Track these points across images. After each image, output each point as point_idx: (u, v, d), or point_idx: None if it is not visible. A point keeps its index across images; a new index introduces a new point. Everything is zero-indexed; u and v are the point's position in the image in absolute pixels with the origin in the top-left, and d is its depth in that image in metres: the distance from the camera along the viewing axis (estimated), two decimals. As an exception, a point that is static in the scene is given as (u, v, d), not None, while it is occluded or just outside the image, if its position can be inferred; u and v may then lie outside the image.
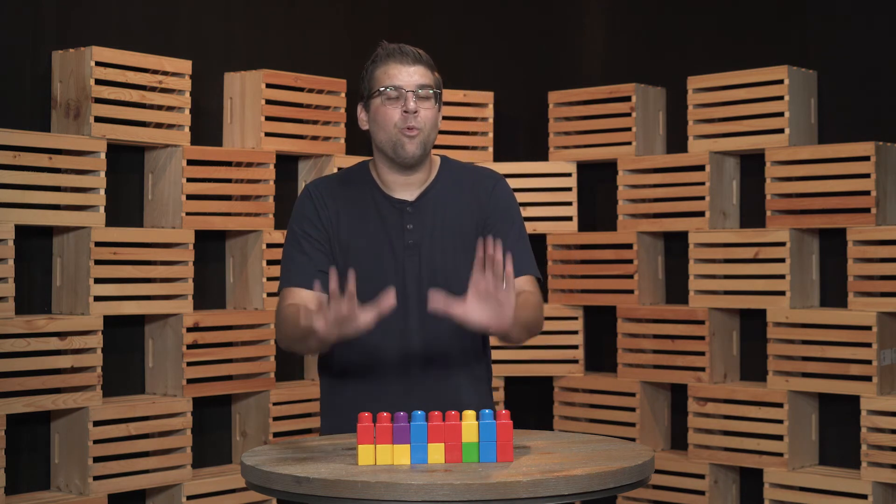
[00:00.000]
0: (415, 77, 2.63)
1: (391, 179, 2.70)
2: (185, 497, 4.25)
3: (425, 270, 2.65)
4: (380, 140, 2.66)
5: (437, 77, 2.69)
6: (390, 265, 2.65)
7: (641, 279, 4.99)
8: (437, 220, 2.68)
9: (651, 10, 5.28)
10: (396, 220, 2.68)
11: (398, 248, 2.66)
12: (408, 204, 2.69)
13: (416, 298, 2.64)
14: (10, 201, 3.86)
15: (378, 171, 2.72)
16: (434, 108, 2.65)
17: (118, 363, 4.32)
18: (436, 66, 2.70)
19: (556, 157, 5.21)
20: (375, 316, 2.36)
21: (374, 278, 2.63)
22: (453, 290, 2.61)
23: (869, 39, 4.65)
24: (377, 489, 2.04)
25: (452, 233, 2.69)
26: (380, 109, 2.65)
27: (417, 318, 2.65)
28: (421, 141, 2.63)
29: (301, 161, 4.85)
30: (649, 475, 2.29)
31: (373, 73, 2.69)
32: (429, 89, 2.64)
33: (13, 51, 4.10)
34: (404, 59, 2.65)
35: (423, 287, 2.63)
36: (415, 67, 2.64)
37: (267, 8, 4.85)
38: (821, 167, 4.47)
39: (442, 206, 2.70)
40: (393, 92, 2.63)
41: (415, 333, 2.66)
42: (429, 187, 2.71)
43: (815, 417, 4.64)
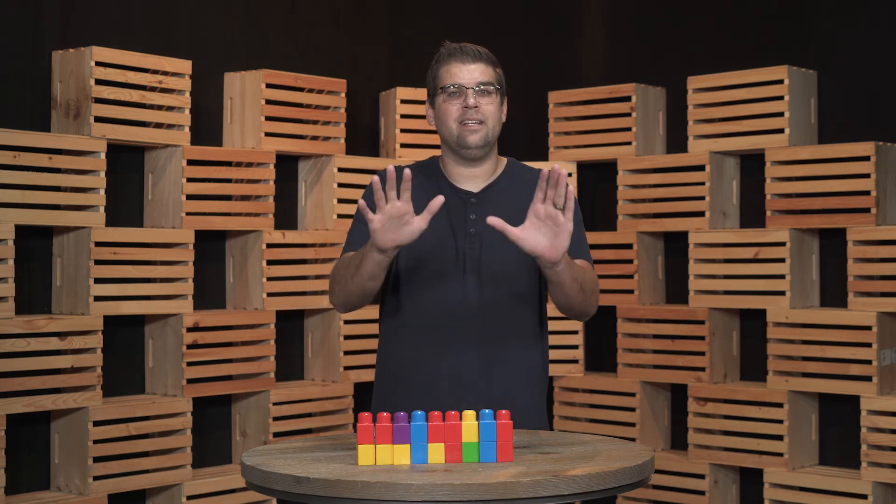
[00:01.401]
0: (475, 74, 2.72)
1: (456, 171, 2.78)
2: (185, 497, 4.25)
3: (485, 260, 2.71)
4: (444, 134, 2.76)
5: (499, 73, 2.77)
6: (451, 252, 2.72)
7: (641, 279, 4.99)
8: (500, 212, 2.71)
9: (651, 10, 5.28)
10: (460, 210, 2.75)
11: (460, 237, 2.73)
12: (472, 195, 2.77)
13: (475, 287, 2.70)
14: (10, 201, 3.86)
15: (445, 164, 2.81)
16: (496, 102, 2.75)
17: (118, 363, 4.32)
18: (498, 63, 2.77)
19: (556, 157, 5.21)
20: (428, 219, 2.47)
21: (435, 264, 2.71)
22: (511, 281, 2.72)
23: (869, 39, 4.65)
24: (377, 489, 2.04)
25: (514, 225, 2.70)
26: (442, 106, 2.74)
27: (477, 305, 2.70)
28: (483, 133, 2.72)
29: (301, 161, 4.85)
30: (649, 475, 2.29)
31: (436, 72, 2.77)
32: (489, 86, 2.73)
33: (13, 51, 4.10)
34: (464, 57, 2.73)
35: (482, 276, 2.70)
36: (475, 65, 2.73)
37: (267, 8, 4.85)
38: (821, 167, 4.47)
39: (506, 200, 2.76)
40: (454, 89, 2.71)
41: (470, 319, 2.70)
42: (494, 182, 2.80)
43: (815, 417, 4.64)
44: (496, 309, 2.72)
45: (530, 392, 2.77)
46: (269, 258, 4.54)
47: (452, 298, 2.71)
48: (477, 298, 2.71)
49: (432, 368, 2.72)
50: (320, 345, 4.80)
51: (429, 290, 2.72)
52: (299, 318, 4.85)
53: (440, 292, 2.71)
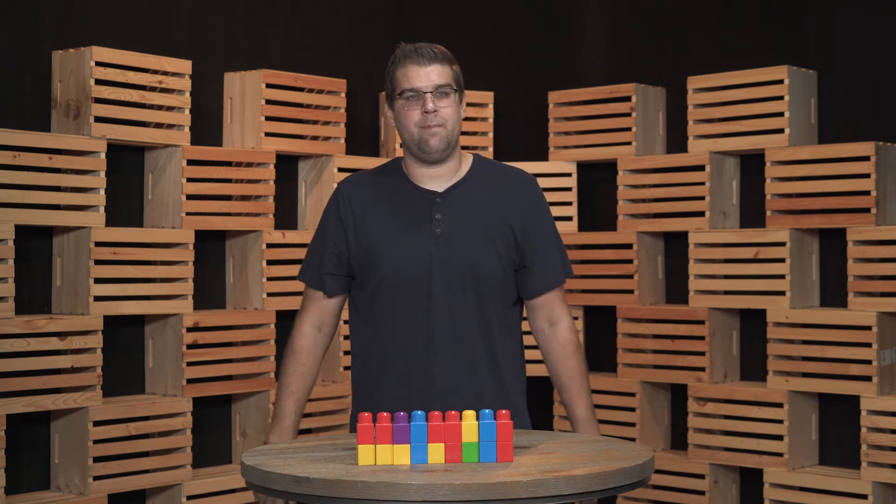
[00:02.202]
0: (432, 77, 2.71)
1: (419, 172, 2.78)
2: (185, 497, 4.25)
3: (453, 260, 2.72)
4: (405, 138, 2.75)
5: (456, 71, 2.76)
6: (417, 253, 2.72)
7: (641, 279, 4.99)
8: (466, 211, 2.75)
9: (651, 10, 5.28)
10: (425, 210, 2.75)
11: (426, 237, 2.72)
12: (437, 195, 2.77)
13: (443, 287, 2.71)
14: (10, 201, 3.86)
15: (407, 165, 2.81)
16: (454, 103, 2.73)
17: (118, 363, 4.32)
18: (454, 59, 2.76)
19: (556, 157, 5.21)
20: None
21: (402, 266, 2.72)
22: (479, 279, 2.73)
23: (869, 39, 4.65)
24: (377, 489, 2.04)
25: (481, 224, 2.75)
26: (401, 111, 2.73)
27: (444, 305, 2.71)
28: (443, 136, 2.72)
29: (301, 161, 4.85)
30: (649, 475, 2.29)
31: (393, 75, 2.76)
32: (447, 87, 2.71)
33: (13, 51, 4.10)
34: (420, 59, 2.72)
35: (450, 276, 2.71)
36: (431, 67, 2.72)
37: (267, 8, 4.85)
38: (821, 167, 4.47)
39: (472, 198, 2.77)
40: (411, 94, 2.70)
41: (440, 318, 2.71)
42: (460, 181, 2.79)
43: (815, 417, 4.64)
44: (465, 309, 2.72)
45: (504, 392, 2.78)
46: (269, 258, 4.54)
47: (420, 300, 2.71)
48: (446, 299, 2.71)
49: (403, 369, 2.73)
50: (320, 345, 4.79)
51: (397, 292, 2.73)
52: (299, 318, 4.84)
53: (408, 294, 2.72)
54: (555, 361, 2.85)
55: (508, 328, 2.80)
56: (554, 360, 2.85)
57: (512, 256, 2.78)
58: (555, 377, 2.86)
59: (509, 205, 2.79)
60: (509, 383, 2.79)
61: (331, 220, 2.82)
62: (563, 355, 2.84)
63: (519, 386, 2.84)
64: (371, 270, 2.75)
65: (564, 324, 2.85)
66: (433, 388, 2.70)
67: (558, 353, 2.84)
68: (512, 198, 2.81)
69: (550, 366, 2.87)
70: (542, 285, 2.81)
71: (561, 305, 2.85)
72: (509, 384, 2.79)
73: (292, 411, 2.80)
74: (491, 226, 2.75)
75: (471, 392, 2.72)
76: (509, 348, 2.80)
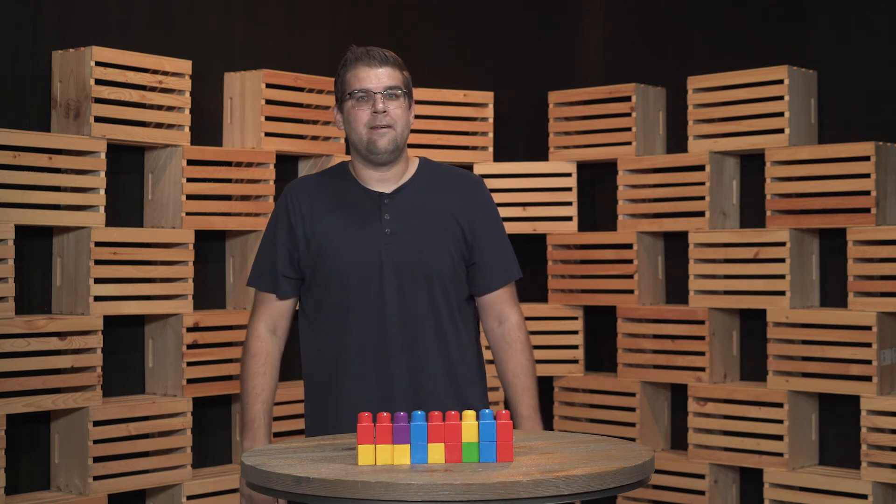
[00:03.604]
0: (382, 79, 2.74)
1: (367, 175, 2.79)
2: (185, 497, 4.25)
3: (403, 258, 2.73)
4: (353, 140, 2.77)
5: (406, 76, 2.79)
6: (367, 254, 2.73)
7: (641, 279, 4.99)
8: (415, 211, 2.77)
9: (651, 10, 5.28)
10: (374, 211, 2.76)
11: (375, 237, 2.74)
12: (385, 196, 2.78)
13: (394, 286, 2.72)
14: (10, 201, 3.86)
15: (355, 168, 2.82)
16: (404, 106, 2.76)
17: (118, 363, 4.32)
18: (405, 66, 2.80)
19: (556, 157, 5.21)
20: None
21: (353, 267, 2.73)
22: (430, 277, 2.75)
23: (869, 39, 4.65)
24: (377, 489, 2.04)
25: (430, 223, 2.77)
26: (351, 111, 2.75)
27: (396, 305, 2.72)
28: (392, 138, 2.73)
29: (301, 161, 4.85)
30: (649, 475, 2.29)
31: (343, 76, 2.79)
32: (397, 89, 2.74)
33: (13, 51, 4.10)
34: (371, 61, 2.75)
35: (401, 276, 2.73)
36: (382, 69, 2.75)
37: (267, 8, 4.85)
38: (821, 167, 4.47)
39: (421, 198, 2.79)
40: (361, 94, 2.73)
41: (392, 317, 2.73)
42: (407, 182, 2.81)
43: (815, 417, 4.64)
44: (417, 307, 2.74)
45: (458, 390, 2.78)
46: (269, 258, 4.53)
47: (372, 299, 2.72)
48: (398, 298, 2.72)
49: (359, 370, 2.73)
50: (320, 345, 4.80)
51: (348, 293, 2.74)
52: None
53: (360, 294, 2.73)
54: (500, 359, 2.87)
55: (462, 325, 2.82)
56: (499, 358, 2.87)
57: (462, 253, 2.80)
58: (500, 374, 2.88)
59: (457, 204, 2.81)
60: (463, 381, 2.80)
61: (280, 224, 2.82)
62: (509, 352, 2.86)
63: (476, 383, 2.85)
64: (321, 272, 2.76)
65: (512, 321, 2.86)
66: (391, 387, 2.72)
67: (503, 349, 2.86)
68: (460, 197, 2.82)
69: (496, 363, 2.89)
70: (491, 283, 2.84)
71: (510, 303, 2.87)
72: (463, 382, 2.80)
73: (261, 413, 2.81)
74: (440, 224, 2.77)
75: (425, 390, 2.73)
76: (463, 345, 2.81)
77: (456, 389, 2.78)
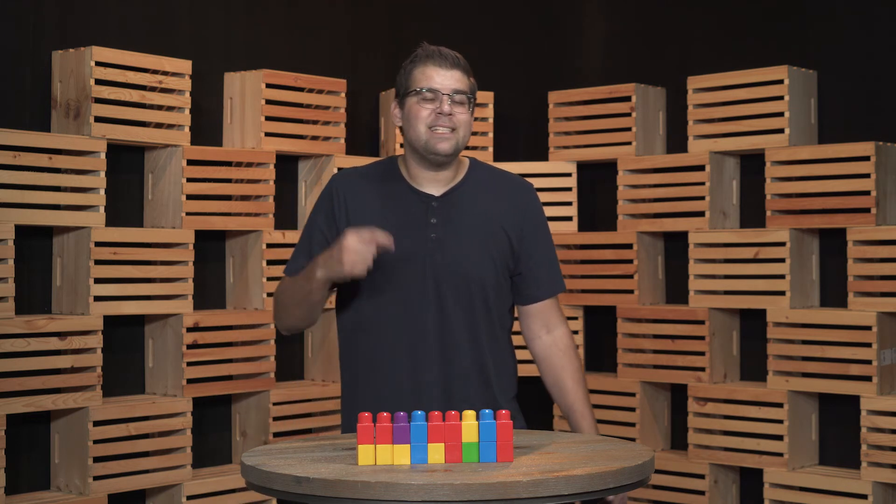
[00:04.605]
0: (451, 81, 2.67)
1: (419, 174, 2.73)
2: (185, 497, 4.25)
3: (447, 265, 2.68)
4: (412, 137, 2.69)
5: (473, 82, 2.73)
6: (411, 258, 2.67)
7: (641, 279, 4.99)
8: (462, 217, 2.71)
9: (651, 10, 5.28)
10: (421, 214, 2.71)
11: (420, 241, 2.69)
12: (433, 198, 2.72)
13: (435, 292, 2.67)
14: (10, 201, 3.86)
15: (407, 165, 2.75)
16: (468, 112, 2.69)
17: (118, 363, 4.32)
18: (472, 72, 2.73)
19: (556, 157, 5.22)
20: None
21: (394, 270, 2.67)
22: (472, 286, 2.69)
23: (869, 39, 4.65)
24: (377, 489, 2.04)
25: (476, 230, 2.71)
26: (413, 108, 2.68)
27: (437, 312, 2.67)
28: (454, 143, 2.67)
29: (301, 161, 4.85)
30: (649, 475, 2.29)
31: (410, 72, 2.71)
32: (464, 94, 2.68)
33: (13, 51, 4.10)
34: (443, 62, 2.68)
35: (444, 282, 2.67)
36: (452, 72, 2.68)
37: (267, 8, 4.85)
38: (821, 167, 4.47)
39: (469, 204, 2.73)
40: (429, 94, 2.66)
41: (431, 324, 2.67)
42: (457, 185, 2.75)
43: (815, 417, 4.64)
44: (457, 315, 2.68)
45: (492, 398, 2.73)
46: (269, 258, 4.54)
47: (412, 304, 2.67)
48: (437, 304, 2.67)
49: (393, 373, 2.69)
50: (320, 345, 4.80)
51: (388, 296, 2.69)
52: (299, 318, 4.84)
53: (400, 298, 2.68)
54: (553, 364, 2.80)
55: (501, 335, 2.77)
56: (552, 364, 2.80)
57: (507, 262, 2.74)
58: (554, 379, 2.80)
59: (506, 210, 2.75)
60: (498, 389, 2.75)
61: (321, 214, 2.77)
62: (564, 358, 2.79)
63: (510, 391, 2.80)
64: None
65: (562, 330, 2.82)
66: (425, 393, 2.67)
67: (556, 356, 2.79)
68: (509, 204, 2.77)
69: (547, 369, 2.80)
70: (537, 293, 2.79)
71: (557, 313, 2.82)
72: (498, 390, 2.75)
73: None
74: (486, 231, 2.72)
75: (458, 398, 2.68)
76: (500, 354, 2.76)
77: (490, 399, 2.73)
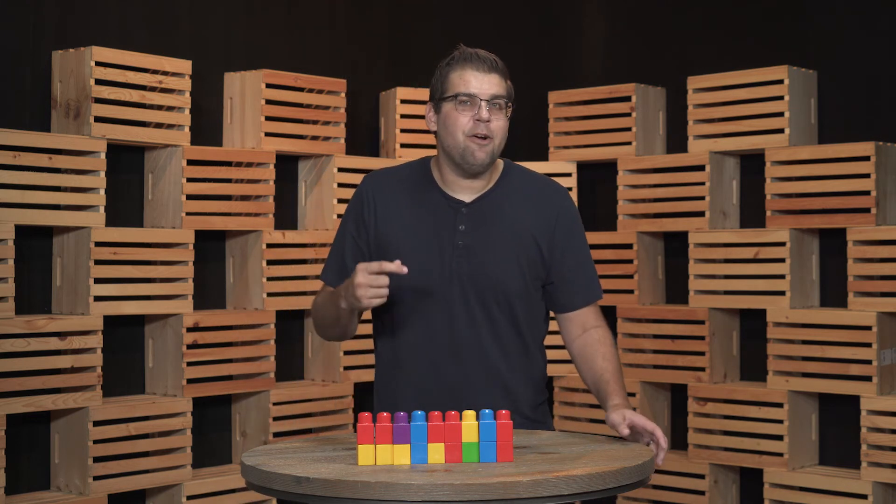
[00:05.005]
0: (490, 86, 2.60)
1: (453, 181, 2.68)
2: (185, 497, 4.25)
3: (474, 273, 2.63)
4: (448, 144, 2.64)
5: (510, 86, 2.66)
6: (438, 265, 2.64)
7: (641, 279, 4.99)
8: (491, 224, 2.66)
9: (651, 10, 5.28)
10: (450, 221, 2.66)
11: (448, 249, 2.64)
12: (464, 205, 2.67)
13: (461, 300, 2.63)
14: (10, 201, 3.86)
15: (440, 170, 2.70)
16: (505, 118, 2.63)
17: (118, 363, 4.32)
18: (509, 75, 2.67)
19: (556, 157, 5.22)
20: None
21: (420, 277, 2.62)
22: (499, 295, 2.64)
23: (869, 39, 4.65)
24: (377, 489, 2.04)
25: (506, 238, 2.66)
26: (451, 114, 2.62)
27: (464, 319, 2.63)
28: (490, 150, 2.62)
29: (301, 161, 4.85)
30: (649, 475, 2.30)
31: (447, 75, 2.64)
32: (502, 100, 2.62)
33: (13, 51, 4.10)
34: (481, 65, 2.61)
35: (470, 290, 2.63)
36: (491, 76, 2.61)
37: (267, 8, 4.85)
38: (821, 167, 4.47)
39: (499, 211, 2.67)
40: (467, 98, 2.60)
41: (457, 333, 2.64)
42: (489, 191, 2.70)
43: (815, 417, 4.64)
44: (484, 323, 2.64)
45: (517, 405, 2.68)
46: (269, 258, 4.54)
47: (438, 313, 2.63)
48: (464, 312, 2.63)
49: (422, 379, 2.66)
50: (320, 345, 4.80)
51: (414, 303, 2.65)
52: (299, 318, 4.85)
53: (426, 306, 2.64)
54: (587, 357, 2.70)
55: (529, 343, 2.71)
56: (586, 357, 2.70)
57: (537, 272, 2.68)
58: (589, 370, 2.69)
59: (537, 219, 2.69)
60: (521, 396, 2.69)
61: (352, 217, 2.73)
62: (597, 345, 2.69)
63: (536, 398, 2.73)
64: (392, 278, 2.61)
65: (600, 331, 2.73)
66: (450, 400, 2.62)
67: (591, 347, 2.70)
68: (540, 210, 2.70)
69: (582, 364, 2.71)
70: (571, 301, 2.72)
71: (594, 318, 2.75)
72: (521, 397, 2.69)
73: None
74: (516, 241, 2.66)
75: (481, 402, 2.62)
76: (524, 362, 2.70)
77: (511, 405, 2.66)
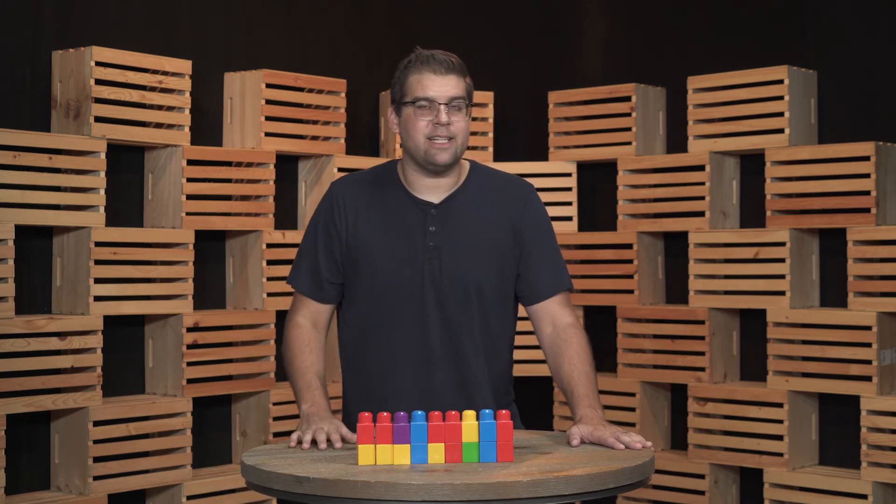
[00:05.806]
0: (447, 88, 2.61)
1: (419, 182, 2.69)
2: (185, 497, 4.25)
3: (445, 273, 2.65)
4: (409, 147, 2.65)
5: (469, 83, 2.67)
6: (409, 266, 2.65)
7: (641, 279, 4.99)
8: (461, 224, 2.68)
9: (651, 10, 5.28)
10: (419, 222, 2.67)
11: (418, 250, 2.65)
12: (432, 206, 2.68)
13: (435, 301, 2.64)
14: (10, 201, 3.86)
15: (405, 172, 2.71)
16: (465, 118, 2.64)
17: (118, 363, 4.32)
18: (467, 71, 2.68)
19: (556, 157, 5.22)
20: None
21: (393, 279, 2.64)
22: (471, 294, 2.66)
23: (869, 39, 4.65)
24: (377, 489, 2.04)
25: (476, 237, 2.68)
26: (411, 118, 2.63)
27: (437, 321, 2.65)
28: (452, 151, 2.63)
29: (301, 161, 4.85)
30: (649, 475, 2.30)
31: (406, 79, 2.65)
32: (461, 101, 2.62)
33: (13, 51, 4.10)
34: (437, 67, 2.62)
35: (442, 290, 2.64)
36: (448, 77, 2.62)
37: (267, 8, 4.85)
38: (821, 167, 4.47)
39: (467, 211, 2.69)
40: (425, 103, 2.61)
41: (433, 333, 2.65)
42: (456, 191, 2.71)
43: (815, 417, 4.64)
44: (457, 323, 2.65)
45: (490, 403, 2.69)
46: (269, 258, 4.54)
47: (412, 313, 2.64)
48: (437, 313, 2.64)
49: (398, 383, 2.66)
50: (320, 345, 4.79)
51: (387, 304, 2.66)
52: (299, 318, 4.84)
53: (399, 307, 2.65)
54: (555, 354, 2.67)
55: (501, 341, 2.73)
56: (554, 354, 2.67)
57: (509, 269, 2.71)
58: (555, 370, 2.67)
59: (506, 215, 2.71)
60: (494, 394, 2.72)
61: (322, 223, 2.73)
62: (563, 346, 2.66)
63: (507, 396, 2.78)
64: (360, 281, 2.67)
65: (567, 321, 2.70)
66: (420, 397, 2.64)
67: (558, 346, 2.66)
68: (508, 207, 2.72)
69: (551, 365, 2.70)
70: (540, 293, 2.72)
71: (563, 310, 2.72)
72: (493, 395, 2.72)
73: (315, 378, 2.64)
74: (486, 237, 2.68)
75: (464, 406, 2.65)
76: (498, 360, 2.73)
77: (486, 404, 2.68)
